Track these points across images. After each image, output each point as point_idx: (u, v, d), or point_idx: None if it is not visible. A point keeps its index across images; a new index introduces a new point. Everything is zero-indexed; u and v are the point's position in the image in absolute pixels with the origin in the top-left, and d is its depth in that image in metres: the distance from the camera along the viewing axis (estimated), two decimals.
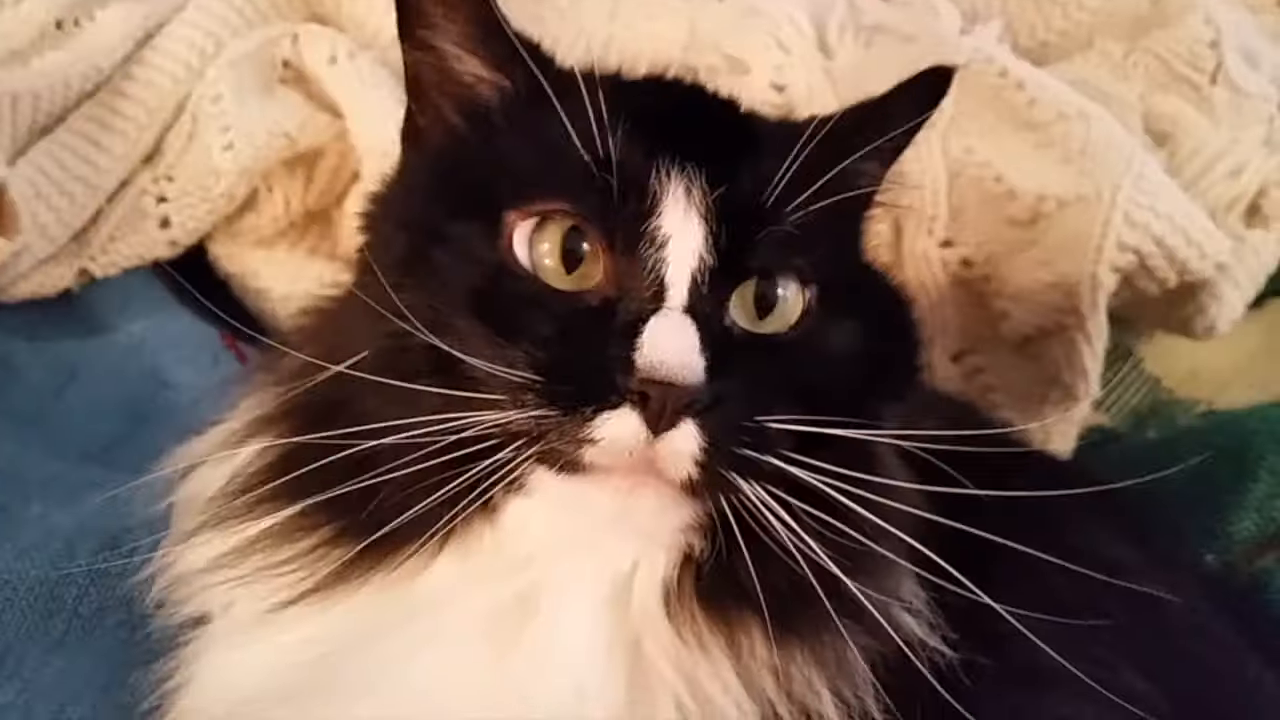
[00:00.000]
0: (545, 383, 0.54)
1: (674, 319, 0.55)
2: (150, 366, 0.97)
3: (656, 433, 0.53)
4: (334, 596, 0.60)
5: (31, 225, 0.93)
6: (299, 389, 0.63)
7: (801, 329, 0.61)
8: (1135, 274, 0.98)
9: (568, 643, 0.59)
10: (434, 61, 0.65)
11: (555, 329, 0.56)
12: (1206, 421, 1.07)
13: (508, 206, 0.59)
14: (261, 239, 1.10)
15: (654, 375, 0.53)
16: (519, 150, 0.62)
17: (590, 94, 0.57)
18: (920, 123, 0.70)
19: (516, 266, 0.58)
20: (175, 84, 1.06)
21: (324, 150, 1.10)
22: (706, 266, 0.57)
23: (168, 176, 1.06)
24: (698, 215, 0.58)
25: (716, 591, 0.60)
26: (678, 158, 0.58)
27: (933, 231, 1.02)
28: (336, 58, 1.09)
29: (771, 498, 0.56)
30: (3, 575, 0.74)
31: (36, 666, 0.70)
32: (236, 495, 0.64)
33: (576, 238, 0.58)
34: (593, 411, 0.53)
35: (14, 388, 0.91)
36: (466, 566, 0.60)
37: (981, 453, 0.82)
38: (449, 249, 0.59)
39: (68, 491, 0.81)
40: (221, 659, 0.63)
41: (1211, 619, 0.74)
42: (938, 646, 0.61)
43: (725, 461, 0.55)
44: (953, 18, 1.12)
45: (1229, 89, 1.10)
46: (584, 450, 0.54)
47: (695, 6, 1.18)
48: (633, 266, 0.57)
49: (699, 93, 0.72)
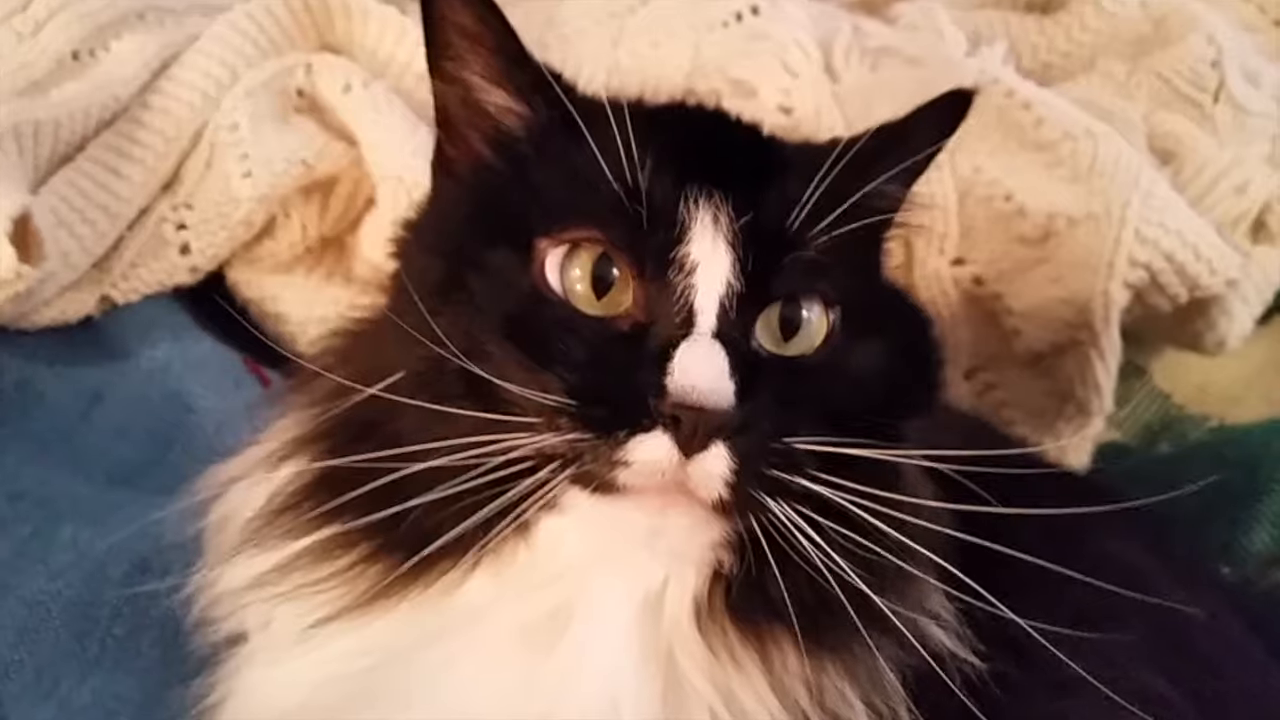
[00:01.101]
0: (579, 406, 0.55)
1: (704, 344, 0.56)
2: (174, 391, 0.97)
3: (688, 455, 0.54)
4: (372, 612, 0.61)
5: (54, 252, 0.94)
6: (335, 410, 0.64)
7: (826, 350, 0.62)
8: (1147, 290, 0.99)
9: (601, 656, 0.60)
10: (461, 93, 0.67)
11: (588, 354, 0.57)
12: (1218, 436, 1.08)
13: (539, 234, 0.60)
14: (279, 264, 1.11)
15: (685, 400, 0.54)
16: (549, 178, 0.63)
17: (619, 123, 0.59)
18: (941, 146, 0.71)
19: (549, 292, 0.59)
20: (192, 113, 1.07)
21: (339, 177, 1.11)
22: (734, 292, 0.58)
23: (187, 204, 1.06)
24: (725, 242, 0.59)
25: (747, 606, 0.61)
26: (705, 186, 0.60)
27: (944, 250, 1.03)
28: (350, 86, 1.10)
29: (800, 516, 0.56)
30: (37, 597, 0.75)
31: (73, 686, 0.72)
32: (276, 515, 0.65)
33: (606, 264, 0.59)
34: (626, 435, 0.54)
35: (39, 413, 0.92)
36: (501, 582, 0.61)
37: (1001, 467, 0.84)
38: (484, 276, 0.60)
39: (97, 514, 0.82)
40: (261, 676, 0.64)
41: (1232, 627, 0.75)
42: (966, 658, 0.61)
43: (755, 482, 0.56)
44: (958, 40, 1.14)
45: (1232, 107, 1.11)
46: (617, 472, 0.55)
47: (700, 32, 1.19)
48: (662, 293, 0.58)
49: (722, 118, 0.73)
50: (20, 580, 0.76)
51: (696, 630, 0.61)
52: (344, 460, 0.61)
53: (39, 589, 0.75)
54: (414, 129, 1.07)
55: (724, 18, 1.19)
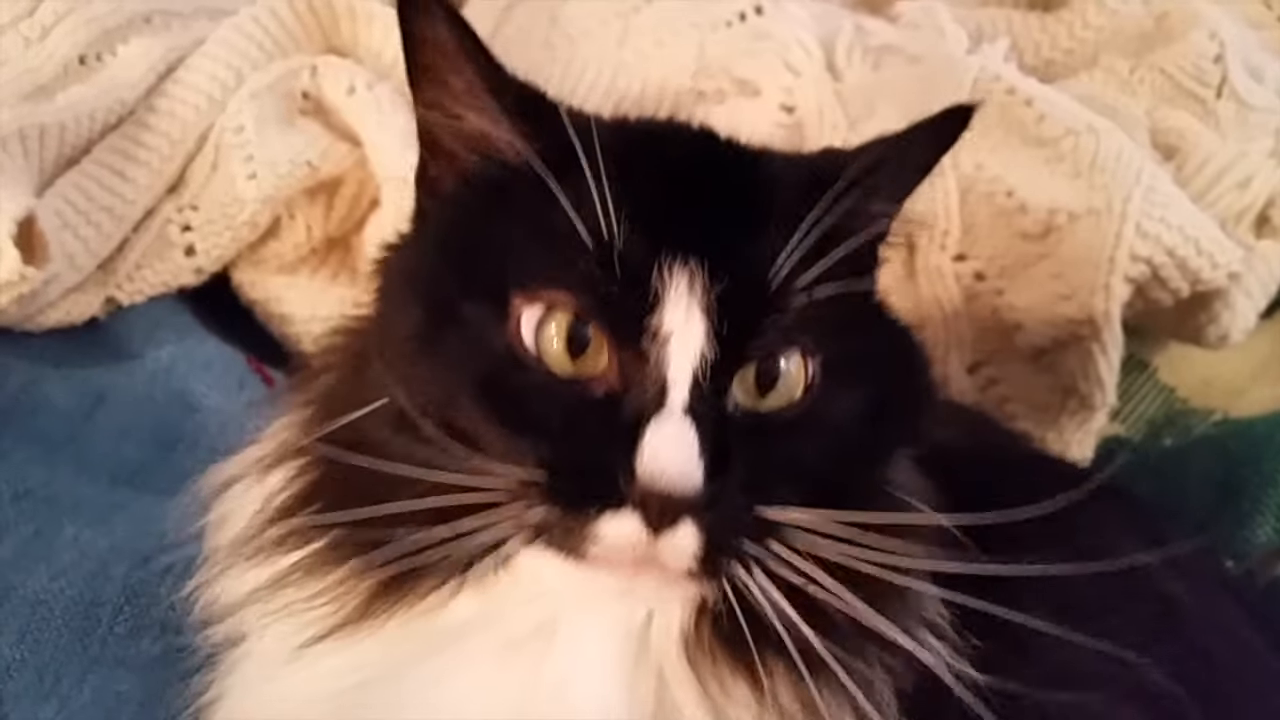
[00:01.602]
0: (550, 480, 0.55)
1: (673, 425, 0.55)
2: (178, 391, 0.97)
3: (657, 533, 0.54)
4: (362, 630, 0.61)
5: (59, 254, 0.95)
6: (326, 427, 0.63)
7: (805, 402, 0.60)
8: (1148, 285, 0.98)
9: (589, 675, 0.60)
10: (441, 116, 0.65)
11: (560, 422, 0.56)
12: (1222, 430, 1.07)
13: (515, 288, 0.58)
14: (284, 265, 1.12)
15: (653, 487, 0.53)
16: (526, 224, 0.61)
17: (592, 173, 0.57)
18: (937, 161, 0.68)
19: (523, 353, 0.58)
20: (198, 115, 1.08)
21: (344, 178, 1.12)
22: (708, 361, 0.57)
23: (192, 206, 1.07)
24: (700, 310, 0.57)
25: (733, 637, 0.60)
26: (680, 250, 0.57)
27: (945, 246, 1.03)
28: (355, 88, 1.10)
29: (774, 581, 0.56)
30: (39, 595, 0.75)
31: (74, 684, 0.72)
32: (267, 526, 0.66)
33: (581, 326, 0.58)
34: (595, 512, 0.54)
35: (43, 413, 0.92)
36: (485, 601, 0.61)
37: (999, 460, 0.84)
38: (460, 332, 0.59)
39: (99, 513, 0.83)
40: (255, 691, 0.64)
41: (1234, 620, 0.75)
42: (963, 670, 0.61)
43: (726, 552, 0.56)
44: (959, 38, 1.14)
45: (1235, 102, 1.11)
46: (587, 545, 0.55)
47: (704, 31, 1.20)
48: (636, 360, 0.57)
49: (707, 146, 0.69)
50: (23, 579, 0.76)
51: (685, 659, 0.61)
52: (328, 479, 0.62)
53: (41, 588, 0.76)
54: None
55: (728, 17, 1.19)
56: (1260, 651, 0.73)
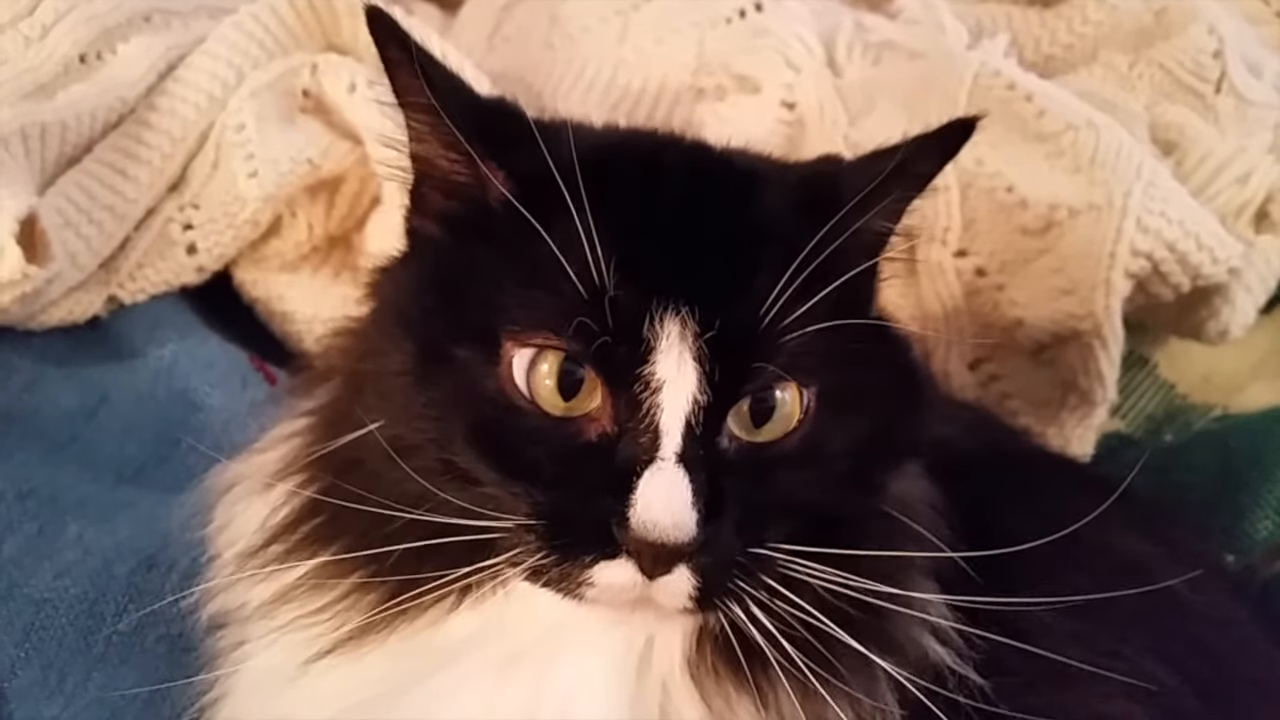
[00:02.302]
0: (545, 528, 0.56)
1: (666, 475, 0.55)
2: (181, 389, 0.98)
3: (651, 578, 0.55)
4: (364, 646, 0.62)
5: (61, 253, 0.95)
6: (324, 447, 0.64)
7: (800, 433, 0.60)
8: (1149, 280, 0.99)
9: (591, 693, 0.61)
10: (422, 149, 0.64)
11: (554, 468, 0.57)
12: (1222, 425, 1.08)
13: (505, 331, 0.58)
14: (286, 263, 1.12)
15: (646, 537, 0.53)
16: (514, 267, 0.59)
17: (579, 214, 0.56)
18: (937, 174, 0.67)
19: (516, 396, 0.57)
20: (198, 114, 1.08)
21: (345, 176, 1.12)
22: (701, 406, 0.56)
23: (194, 204, 1.07)
24: (691, 358, 0.56)
25: (735, 657, 0.60)
26: (671, 299, 0.56)
27: (946, 242, 1.03)
28: (355, 86, 1.10)
29: (766, 612, 0.57)
30: (43, 594, 0.76)
31: (79, 682, 0.72)
32: (271, 541, 0.66)
33: (573, 365, 0.57)
34: (590, 560, 0.55)
35: (46, 412, 0.93)
36: (485, 619, 0.61)
37: (1000, 458, 0.84)
38: (452, 374, 0.59)
39: (103, 512, 0.83)
40: (260, 704, 0.65)
41: (1235, 615, 0.75)
42: (966, 674, 0.62)
43: (719, 593, 0.56)
44: (959, 34, 1.14)
45: (1234, 98, 1.11)
46: (583, 589, 0.56)
47: (704, 29, 1.19)
48: (630, 405, 0.57)
49: (697, 171, 0.67)
50: (27, 578, 0.76)
51: (688, 676, 0.61)
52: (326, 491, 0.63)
53: (45, 586, 0.76)
54: None
55: (727, 14, 1.19)
56: (1261, 646, 0.74)
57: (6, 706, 0.71)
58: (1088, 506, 0.69)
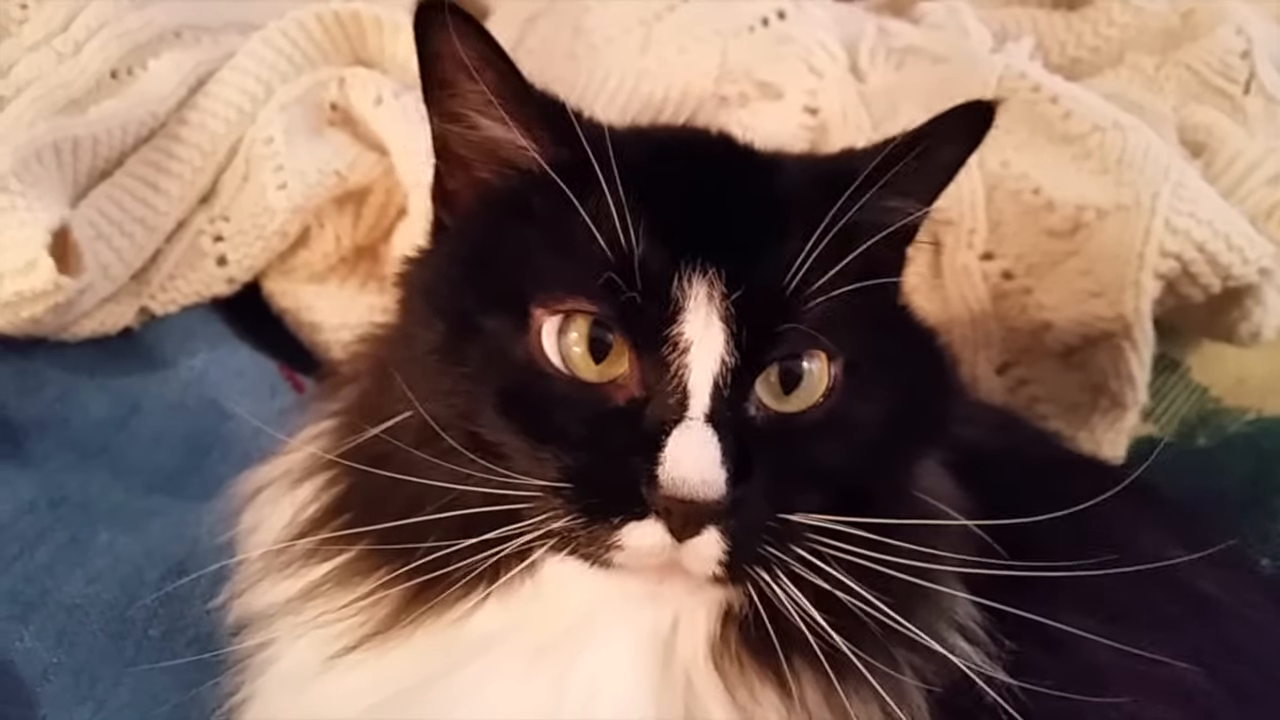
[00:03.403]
0: (573, 490, 0.56)
1: (695, 433, 0.55)
2: (211, 399, 0.99)
3: (680, 540, 0.55)
4: (390, 641, 0.62)
5: (93, 265, 0.96)
6: (352, 437, 0.65)
7: (828, 404, 0.61)
8: (1178, 281, 0.98)
9: (616, 685, 0.61)
10: (459, 128, 0.65)
11: (584, 432, 0.57)
12: (1256, 428, 1.06)
13: (534, 299, 0.59)
14: (314, 274, 1.13)
15: (676, 494, 0.54)
16: (545, 236, 0.61)
17: (609, 184, 0.57)
18: (963, 162, 0.68)
19: (545, 363, 0.58)
20: (228, 128, 1.09)
21: (372, 187, 1.13)
22: (729, 368, 0.57)
23: (224, 216, 1.08)
24: (719, 319, 0.57)
25: (760, 643, 0.60)
26: (699, 260, 0.58)
27: (972, 245, 1.03)
28: (382, 98, 1.11)
29: (798, 583, 0.57)
30: (75, 600, 0.77)
31: (110, 687, 0.73)
32: (300, 536, 0.67)
33: (603, 329, 0.58)
34: (619, 521, 0.55)
35: (78, 422, 0.94)
36: (510, 611, 0.61)
37: (1029, 461, 0.83)
38: (482, 344, 0.60)
39: (134, 520, 0.84)
40: (287, 701, 0.65)
41: (1270, 617, 0.74)
42: (993, 674, 0.61)
43: (748, 559, 0.56)
44: (983, 37, 1.14)
45: (1263, 98, 1.10)
46: (612, 553, 0.56)
47: (726, 37, 1.20)
48: (657, 368, 0.57)
49: (723, 154, 0.70)
50: (59, 584, 0.77)
51: (712, 665, 0.61)
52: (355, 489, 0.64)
53: (77, 592, 0.77)
54: None
55: (750, 22, 1.20)
56: None
57: (39, 711, 0.71)
58: (1119, 509, 0.68)
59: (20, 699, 0.71)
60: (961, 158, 0.67)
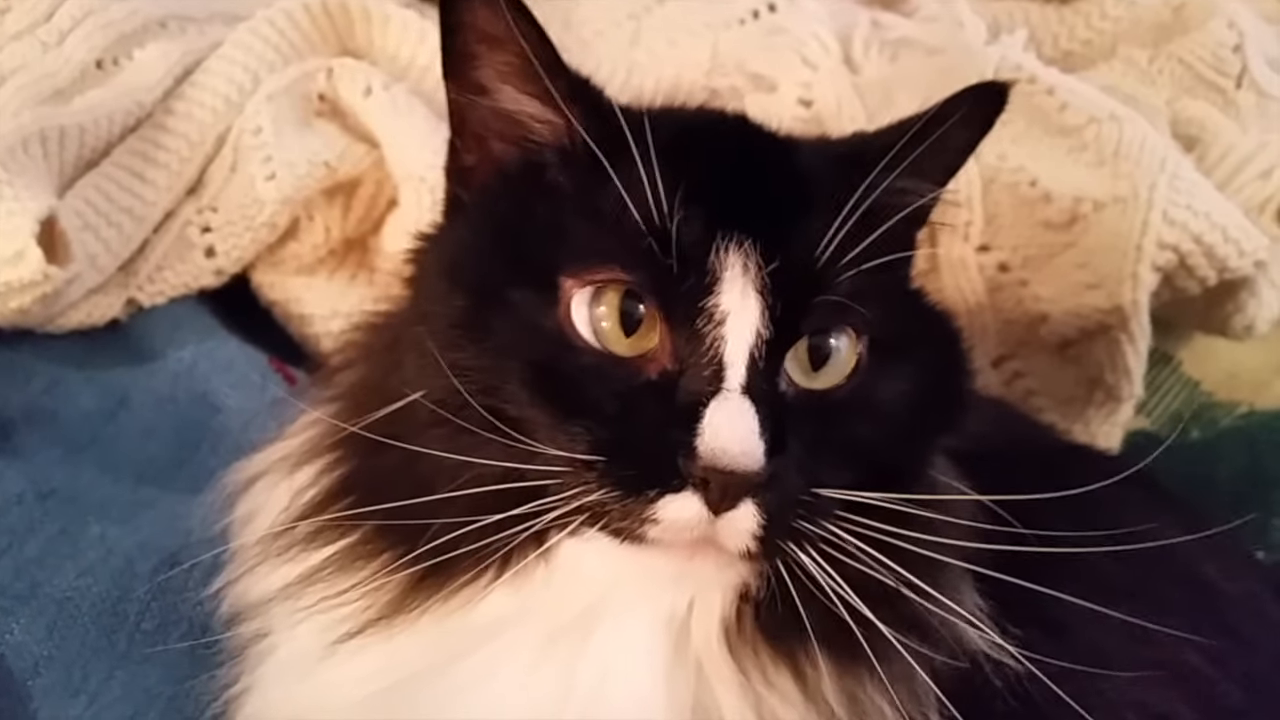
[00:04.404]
0: (607, 464, 0.55)
1: (734, 404, 0.55)
2: (201, 391, 0.98)
3: (717, 514, 0.54)
4: (395, 626, 0.61)
5: (81, 255, 0.95)
6: (355, 419, 0.63)
7: (854, 382, 0.61)
8: (1175, 273, 0.98)
9: (627, 670, 0.60)
10: (480, 99, 0.64)
11: (615, 405, 0.56)
12: (1249, 421, 1.06)
13: (564, 271, 0.58)
14: (303, 266, 1.12)
15: (716, 464, 0.53)
16: (574, 207, 0.61)
17: (643, 156, 0.57)
18: (976, 145, 0.69)
19: (575, 336, 0.58)
20: (215, 118, 1.08)
21: (361, 179, 1.12)
22: (763, 340, 0.57)
23: (212, 207, 1.07)
24: (754, 291, 0.57)
25: (776, 626, 0.60)
26: (735, 232, 0.58)
27: (969, 237, 1.03)
28: (371, 89, 1.10)
29: (825, 559, 0.56)
30: (66, 593, 0.75)
31: (103, 680, 0.72)
32: (297, 522, 0.65)
33: (634, 301, 0.58)
34: (655, 494, 0.54)
35: (67, 415, 0.92)
36: (521, 596, 0.60)
37: (1029, 453, 0.83)
38: (506, 315, 0.59)
39: (125, 512, 0.83)
40: (287, 688, 0.64)
41: (1270, 605, 0.74)
42: (1001, 659, 0.61)
43: (782, 533, 0.56)
44: (978, 29, 1.13)
45: (1255, 92, 1.10)
46: (646, 528, 0.55)
47: (718, 30, 1.19)
48: (691, 341, 0.57)
49: (746, 132, 0.70)
50: (49, 577, 0.76)
51: (726, 650, 0.61)
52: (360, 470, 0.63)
53: (68, 585, 0.76)
54: (434, 130, 1.07)
55: (741, 15, 1.19)
56: None
57: (31, 705, 0.70)
58: (1121, 497, 0.68)
59: (11, 693, 0.70)
60: (975, 139, 0.68)
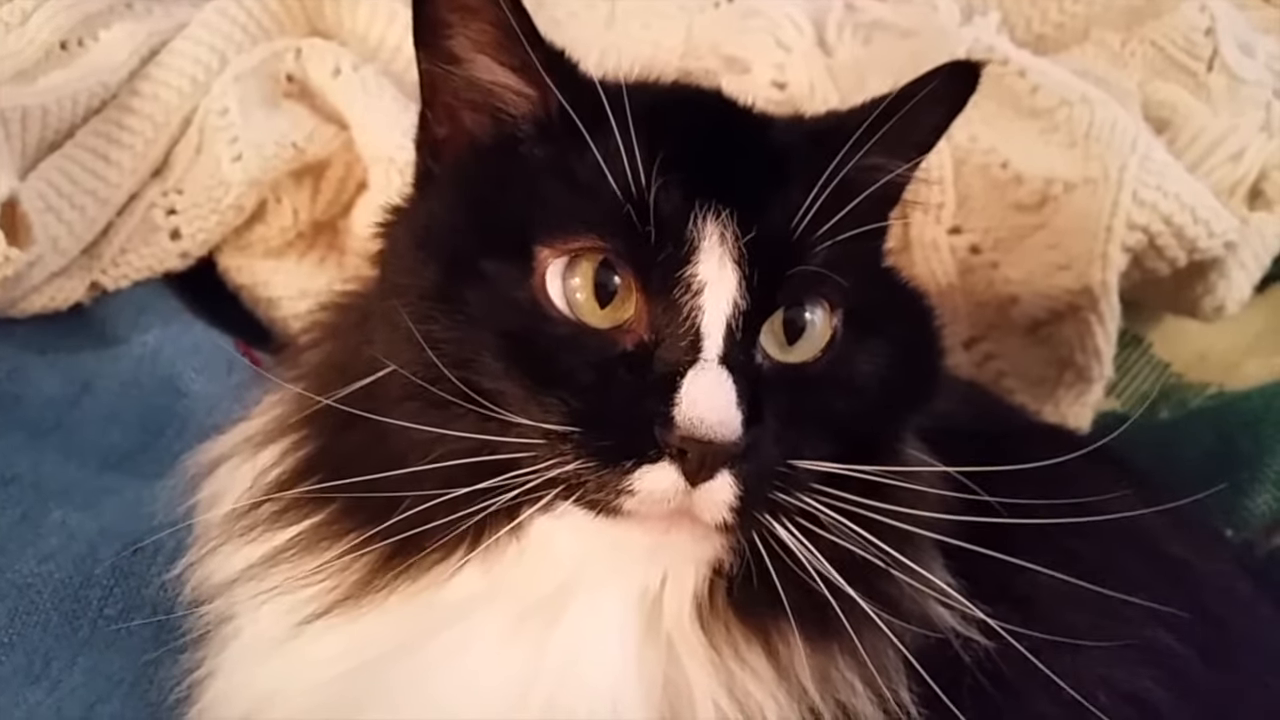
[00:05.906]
0: (583, 434, 0.54)
1: (711, 374, 0.55)
2: (165, 376, 0.97)
3: (694, 484, 0.54)
4: (362, 606, 0.60)
5: (43, 237, 0.94)
6: (323, 395, 0.63)
7: (828, 355, 0.61)
8: (1145, 254, 0.98)
9: (599, 649, 0.60)
10: (453, 69, 0.63)
11: (591, 375, 0.56)
12: (1218, 403, 1.07)
13: (539, 241, 0.58)
14: (270, 250, 1.10)
15: (694, 433, 0.53)
16: (550, 178, 0.60)
17: (620, 126, 0.57)
18: (950, 122, 0.69)
19: (550, 307, 0.57)
20: (181, 99, 1.07)
21: (330, 161, 1.11)
22: (739, 310, 0.57)
23: (177, 189, 1.06)
24: (731, 261, 0.57)
25: (749, 602, 0.60)
26: (712, 201, 0.57)
27: (940, 219, 1.03)
28: (340, 70, 1.09)
29: (799, 530, 0.56)
30: (27, 579, 0.74)
31: (65, 667, 0.71)
32: (261, 502, 0.65)
33: (608, 272, 0.57)
34: (632, 465, 0.54)
35: (29, 400, 0.91)
36: (491, 575, 0.60)
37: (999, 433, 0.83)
38: (481, 288, 0.58)
39: (87, 498, 0.82)
40: (250, 670, 0.63)
41: (1237, 582, 0.74)
42: (969, 634, 0.61)
43: (758, 504, 0.56)
44: (951, 12, 1.13)
45: (1226, 75, 1.11)
46: (622, 499, 0.54)
47: (691, 13, 1.19)
48: (668, 311, 0.57)
49: (722, 106, 0.70)
50: (10, 563, 0.75)
51: (699, 626, 0.60)
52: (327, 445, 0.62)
53: (29, 571, 0.75)
54: (404, 111, 1.06)
55: None
56: (1265, 612, 0.73)
57: None
58: (1091, 476, 0.68)
59: None
60: (947, 118, 0.68)
